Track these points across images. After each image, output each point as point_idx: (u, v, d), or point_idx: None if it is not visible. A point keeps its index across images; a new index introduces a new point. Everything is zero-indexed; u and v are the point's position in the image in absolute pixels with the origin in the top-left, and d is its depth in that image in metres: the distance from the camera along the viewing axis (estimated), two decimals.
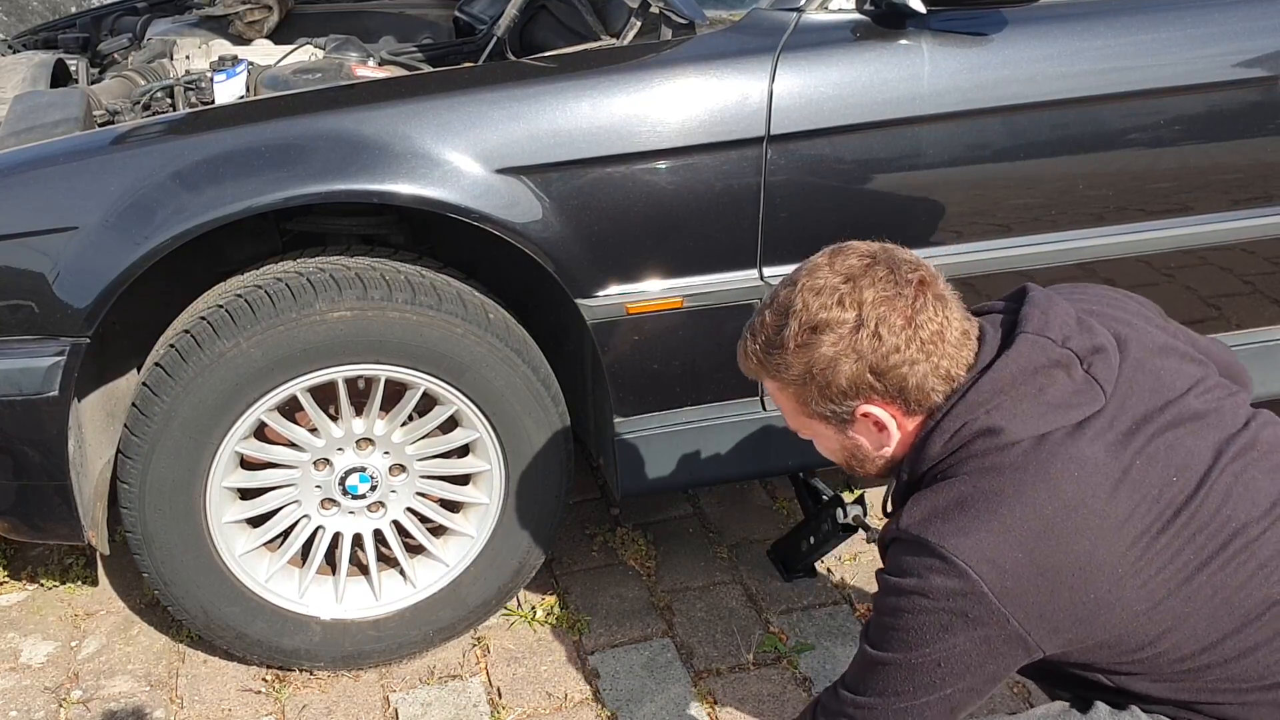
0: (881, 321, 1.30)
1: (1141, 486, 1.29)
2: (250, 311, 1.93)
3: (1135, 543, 1.27)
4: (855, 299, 1.31)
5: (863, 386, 1.33)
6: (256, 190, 1.84)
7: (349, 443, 2.11)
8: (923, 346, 1.31)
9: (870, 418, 1.37)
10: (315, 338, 1.94)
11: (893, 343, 1.30)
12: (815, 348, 1.32)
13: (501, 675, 2.20)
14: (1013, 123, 2.06)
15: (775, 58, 1.97)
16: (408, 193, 1.88)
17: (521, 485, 2.17)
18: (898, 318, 1.30)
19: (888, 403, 1.35)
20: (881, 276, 1.32)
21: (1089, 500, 1.27)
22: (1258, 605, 1.31)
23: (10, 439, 1.91)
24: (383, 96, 1.98)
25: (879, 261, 1.33)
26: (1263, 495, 1.33)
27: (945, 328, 1.32)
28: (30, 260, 1.84)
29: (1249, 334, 2.41)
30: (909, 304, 1.31)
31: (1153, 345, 1.41)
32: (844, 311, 1.31)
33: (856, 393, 1.34)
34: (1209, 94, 2.14)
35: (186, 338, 1.94)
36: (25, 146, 1.95)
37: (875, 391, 1.34)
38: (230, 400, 1.96)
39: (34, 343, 1.87)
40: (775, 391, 1.42)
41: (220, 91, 2.28)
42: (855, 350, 1.31)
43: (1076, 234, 2.18)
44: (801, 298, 1.33)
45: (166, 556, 2.06)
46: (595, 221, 1.96)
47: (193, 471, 2.00)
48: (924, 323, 1.31)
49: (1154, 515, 1.29)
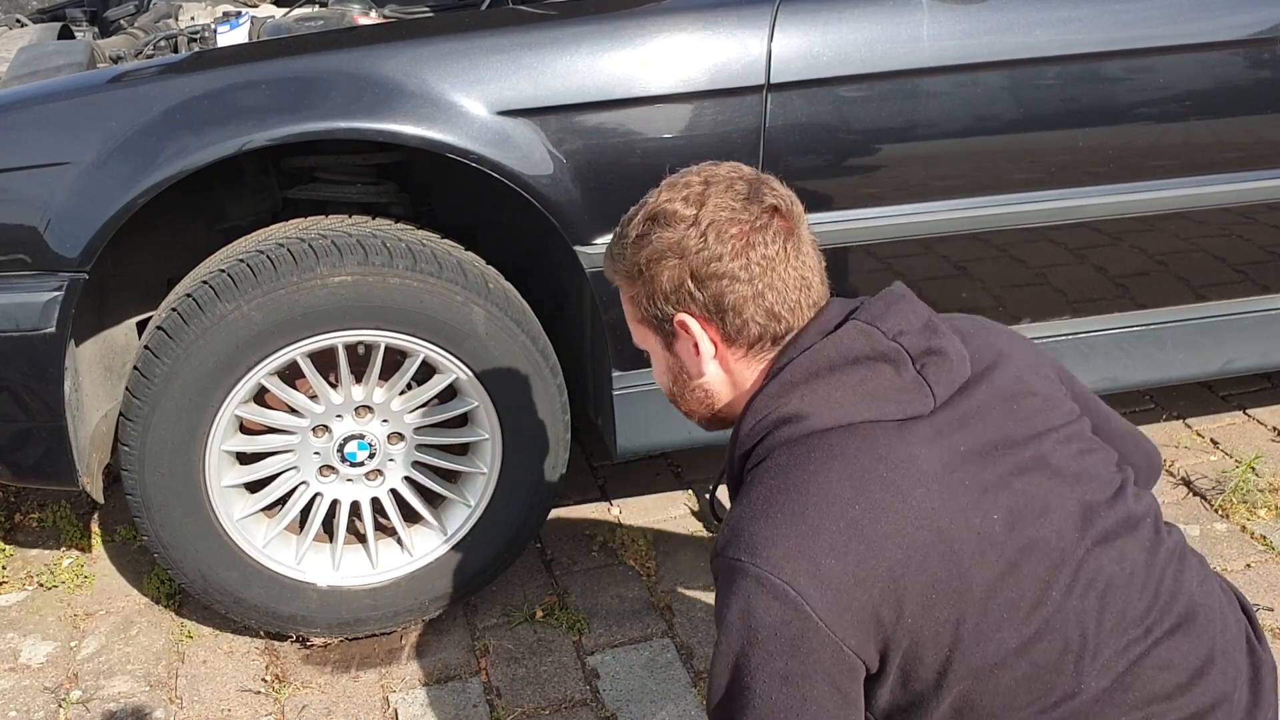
0: (715, 226, 1.24)
1: (985, 521, 1.18)
2: (252, 275, 1.92)
3: (969, 565, 1.16)
4: (700, 199, 1.26)
5: (683, 293, 1.27)
6: (256, 126, 1.84)
7: (348, 410, 2.10)
8: (748, 267, 1.25)
9: (689, 332, 1.29)
10: (316, 302, 1.94)
11: (717, 250, 1.24)
12: (648, 240, 1.27)
13: (501, 675, 2.18)
14: (1012, 76, 2.06)
15: (776, 4, 1.98)
16: (409, 132, 1.88)
17: (518, 455, 2.16)
18: (734, 228, 1.25)
19: (706, 321, 1.28)
20: (739, 191, 1.27)
21: (901, 499, 1.16)
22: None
23: (6, 376, 1.91)
24: (384, 39, 1.99)
25: (745, 179, 1.28)
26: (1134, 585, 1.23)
27: (779, 260, 1.25)
28: (27, 195, 1.85)
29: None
30: (751, 222, 1.25)
31: (1024, 388, 1.31)
32: (686, 207, 1.26)
33: (677, 299, 1.27)
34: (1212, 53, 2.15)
35: (188, 301, 1.94)
36: (24, 86, 1.97)
37: (695, 303, 1.27)
38: (230, 363, 1.96)
39: (31, 278, 1.87)
40: (622, 294, 1.36)
41: (223, 41, 2.30)
42: (681, 249, 1.25)
43: (1076, 191, 2.18)
44: (658, 190, 1.30)
45: (165, 520, 2.05)
46: (595, 167, 1.96)
47: (192, 434, 1.99)
48: (758, 244, 1.25)
49: (997, 554, 1.17)
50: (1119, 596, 1.22)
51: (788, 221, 1.27)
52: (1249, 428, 2.94)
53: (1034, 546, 1.19)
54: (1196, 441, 2.89)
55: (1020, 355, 1.36)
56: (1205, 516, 2.57)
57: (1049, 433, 1.28)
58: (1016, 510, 1.20)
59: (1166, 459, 2.80)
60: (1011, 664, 1.18)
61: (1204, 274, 2.39)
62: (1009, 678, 1.19)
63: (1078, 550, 1.21)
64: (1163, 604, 1.25)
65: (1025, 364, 1.35)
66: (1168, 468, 2.77)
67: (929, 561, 1.16)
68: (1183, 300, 2.41)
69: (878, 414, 1.21)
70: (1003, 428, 1.26)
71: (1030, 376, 1.34)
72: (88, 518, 2.67)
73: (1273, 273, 2.42)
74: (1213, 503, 2.61)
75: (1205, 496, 2.64)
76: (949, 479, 1.19)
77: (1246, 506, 2.58)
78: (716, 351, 1.30)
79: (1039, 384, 1.34)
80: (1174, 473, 2.75)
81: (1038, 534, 1.20)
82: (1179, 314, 2.41)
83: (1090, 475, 1.28)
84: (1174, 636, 1.24)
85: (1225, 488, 2.62)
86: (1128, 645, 1.21)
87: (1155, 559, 1.27)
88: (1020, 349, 1.38)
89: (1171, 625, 1.24)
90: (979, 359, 1.30)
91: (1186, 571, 1.30)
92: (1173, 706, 1.22)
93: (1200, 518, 2.56)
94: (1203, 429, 2.94)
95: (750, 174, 1.29)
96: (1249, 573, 2.37)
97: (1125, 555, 1.24)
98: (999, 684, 1.19)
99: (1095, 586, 1.21)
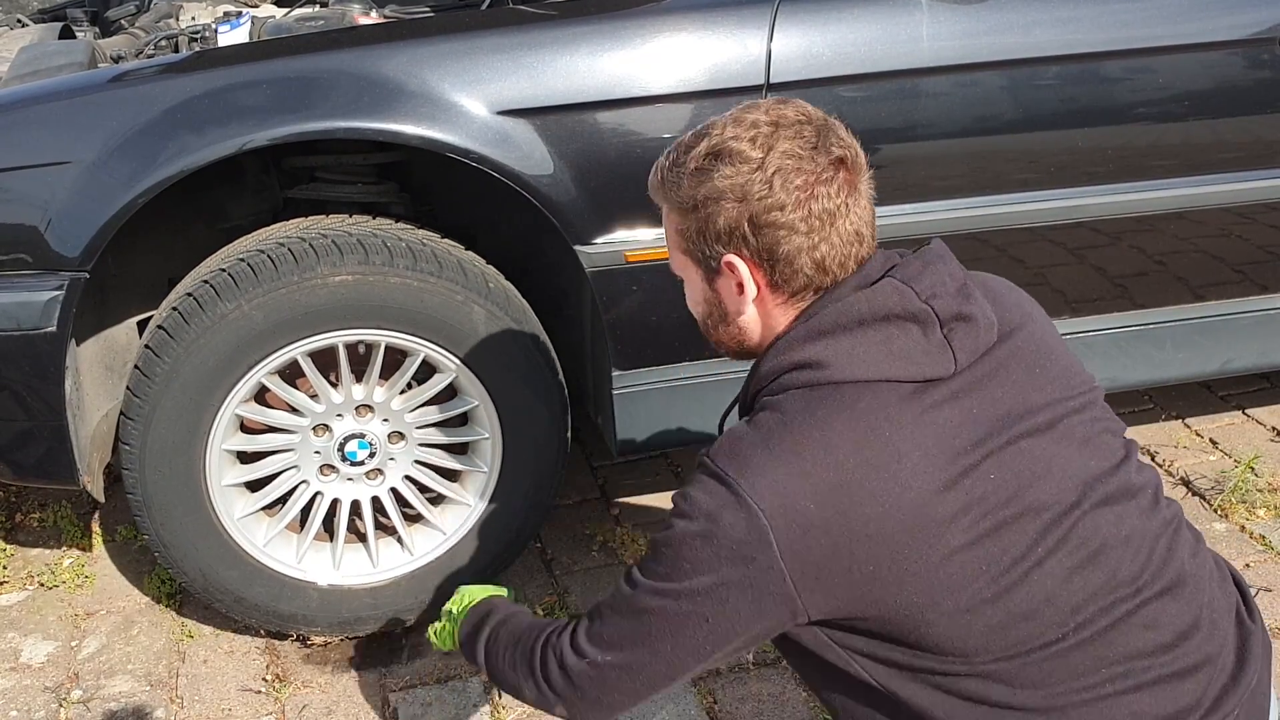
0: (781, 174, 1.23)
1: (978, 483, 1.20)
2: (252, 274, 1.93)
3: (942, 531, 1.18)
4: (768, 143, 1.24)
5: (736, 235, 1.26)
6: (257, 126, 1.85)
7: (348, 409, 2.10)
8: (807, 218, 1.24)
9: (735, 272, 1.28)
10: (317, 301, 1.94)
11: (781, 199, 1.23)
12: (710, 177, 1.25)
13: None
14: (1012, 76, 2.06)
15: (776, 4, 1.98)
16: (409, 132, 1.89)
17: (519, 454, 2.16)
18: (799, 178, 1.23)
19: (755, 265, 1.27)
20: (807, 136, 1.25)
21: (897, 460, 1.18)
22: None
23: (7, 375, 1.91)
24: (385, 39, 2.00)
25: (813, 123, 1.26)
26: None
27: (840, 214, 1.24)
28: (28, 194, 1.85)
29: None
30: (817, 173, 1.24)
31: (1047, 352, 1.32)
32: (752, 149, 1.24)
33: (730, 239, 1.26)
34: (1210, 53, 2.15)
35: (189, 300, 1.94)
36: (25, 85, 1.97)
37: (747, 247, 1.26)
38: (231, 362, 1.96)
39: (32, 277, 1.88)
40: (666, 219, 1.35)
41: (224, 41, 2.30)
42: (744, 192, 1.24)
43: (1075, 191, 2.19)
44: (723, 124, 1.27)
45: (166, 518, 2.05)
46: (594, 166, 1.96)
47: (193, 433, 1.99)
48: (820, 195, 1.23)
49: (981, 514, 1.19)
50: (1112, 557, 1.24)
51: (851, 174, 1.26)
52: (1248, 427, 2.94)
53: (1026, 507, 1.21)
54: (1195, 441, 2.89)
55: (1046, 321, 1.39)
56: (1204, 516, 2.57)
57: (1065, 400, 1.30)
58: (1017, 471, 1.22)
59: (1166, 459, 2.80)
60: (986, 611, 1.20)
61: (1203, 274, 2.40)
62: (981, 623, 1.20)
63: (1074, 512, 1.23)
64: (1155, 568, 1.26)
65: (1050, 330, 1.37)
66: (1167, 468, 2.77)
67: (907, 521, 1.17)
68: (1181, 300, 2.41)
69: (898, 373, 1.21)
70: (1021, 392, 1.27)
71: (1054, 342, 1.35)
72: (88, 517, 2.67)
73: (1271, 273, 2.43)
74: (1212, 503, 2.61)
75: (1204, 496, 2.64)
76: (950, 444, 1.20)
77: (1245, 506, 2.58)
78: (759, 294, 1.29)
79: (1060, 350, 1.35)
80: (1173, 473, 2.75)
81: (1034, 494, 1.22)
82: (1178, 314, 2.42)
83: (1097, 443, 1.30)
84: (1162, 599, 1.26)
85: (1224, 488, 2.63)
86: (1115, 603, 1.23)
87: (1150, 525, 1.28)
88: (1044, 315, 1.40)
89: (1161, 589, 1.26)
90: (1007, 320, 1.31)
91: (1180, 542, 1.32)
92: (1155, 663, 1.24)
93: (1199, 517, 2.56)
94: (1202, 429, 2.94)
95: (819, 119, 1.27)
96: (1248, 573, 2.37)
97: (1123, 520, 1.26)
98: (972, 628, 1.20)
99: (1088, 545, 1.23)
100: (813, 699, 2.09)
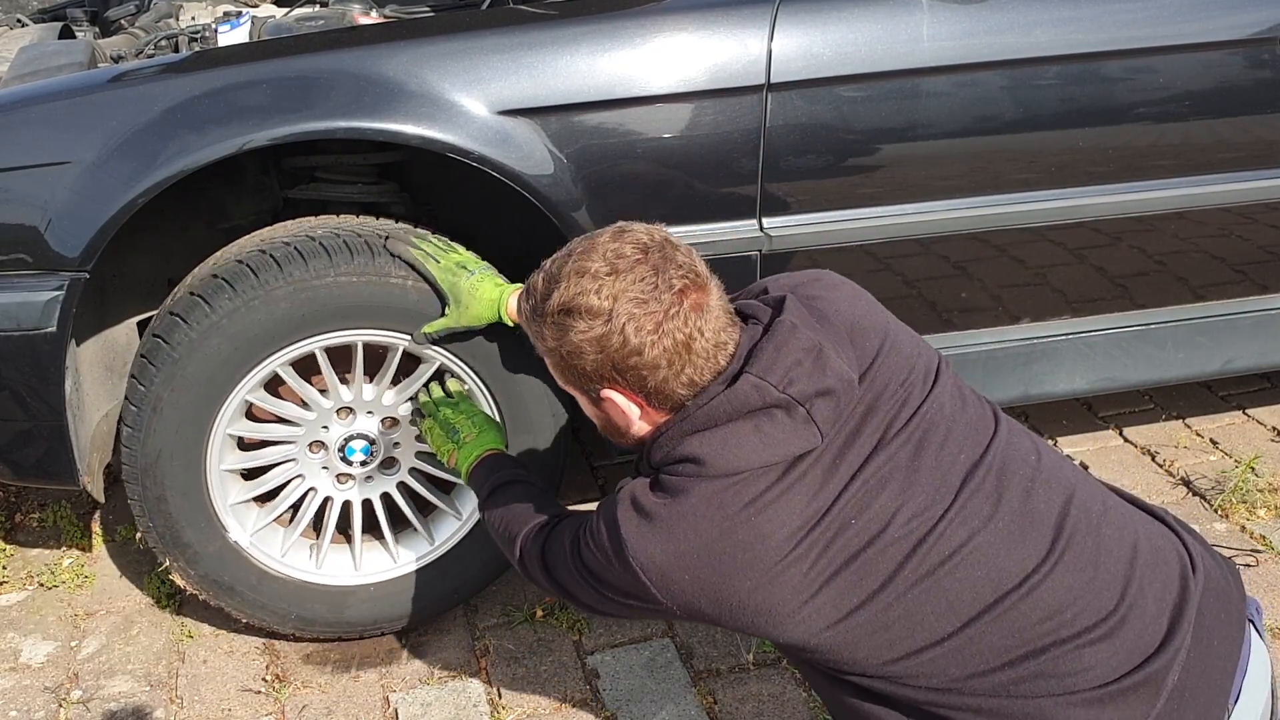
0: (631, 321, 1.33)
1: (832, 525, 1.33)
2: (253, 274, 1.91)
3: (805, 574, 1.33)
4: (612, 291, 1.33)
5: (606, 376, 1.38)
6: (257, 126, 1.84)
7: (359, 409, 2.10)
8: (665, 353, 1.34)
9: (614, 403, 1.41)
10: (324, 302, 1.93)
11: (636, 344, 1.33)
12: (567, 331, 1.36)
13: (501, 675, 2.18)
14: (1012, 76, 2.06)
15: (776, 4, 1.98)
16: (409, 132, 1.88)
17: (520, 454, 2.13)
18: (648, 320, 1.33)
19: (632, 393, 1.39)
20: (645, 276, 1.34)
21: (763, 545, 1.31)
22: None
23: (7, 375, 1.91)
24: (385, 38, 2.00)
25: (649, 257, 1.35)
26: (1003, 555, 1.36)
27: (695, 338, 1.34)
28: (28, 194, 1.85)
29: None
30: (663, 309, 1.33)
31: (906, 361, 1.43)
32: (600, 301, 1.34)
33: (600, 379, 1.38)
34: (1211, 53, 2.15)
35: (190, 299, 1.92)
36: (25, 85, 1.96)
37: (619, 382, 1.38)
38: (244, 354, 1.95)
39: (32, 277, 1.88)
40: (540, 353, 1.46)
41: (224, 41, 2.30)
42: (601, 344, 1.34)
43: (1075, 191, 2.19)
44: (568, 277, 1.36)
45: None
46: (594, 166, 1.96)
47: (197, 432, 1.99)
48: (672, 330, 1.33)
49: (834, 552, 1.33)
50: (993, 551, 1.35)
51: (698, 294, 1.36)
52: (1248, 427, 2.94)
53: (895, 533, 1.33)
54: (1196, 441, 2.89)
55: (896, 323, 1.49)
56: (1205, 516, 2.57)
57: (927, 400, 1.41)
58: (889, 496, 1.35)
59: (1167, 459, 2.80)
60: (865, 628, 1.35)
61: (1203, 274, 2.40)
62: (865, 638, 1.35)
63: (941, 523, 1.34)
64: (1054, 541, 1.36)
65: (901, 330, 1.48)
66: (1168, 468, 2.77)
67: (773, 593, 1.32)
68: (1182, 300, 2.41)
69: (769, 457, 1.33)
70: (890, 416, 1.39)
71: (907, 342, 1.46)
72: (88, 517, 2.67)
73: (1271, 273, 2.43)
74: (1212, 503, 2.61)
75: (1205, 496, 2.64)
76: (811, 506, 1.33)
77: (1246, 506, 2.58)
78: (643, 411, 1.42)
79: (912, 347, 1.46)
80: (1173, 472, 2.75)
81: (907, 514, 1.34)
82: (1178, 314, 2.42)
83: (965, 423, 1.42)
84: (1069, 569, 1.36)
85: (1225, 488, 2.62)
86: (1014, 604, 1.33)
87: (1032, 498, 1.38)
88: (883, 309, 1.50)
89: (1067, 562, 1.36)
90: (867, 349, 1.42)
91: (1078, 492, 1.42)
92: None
93: (1200, 517, 2.56)
94: (1202, 429, 2.94)
95: (655, 247, 1.36)
96: (1247, 573, 2.37)
97: (1003, 497, 1.37)
98: (860, 644, 1.36)
99: (960, 554, 1.34)
100: (813, 699, 2.09)
